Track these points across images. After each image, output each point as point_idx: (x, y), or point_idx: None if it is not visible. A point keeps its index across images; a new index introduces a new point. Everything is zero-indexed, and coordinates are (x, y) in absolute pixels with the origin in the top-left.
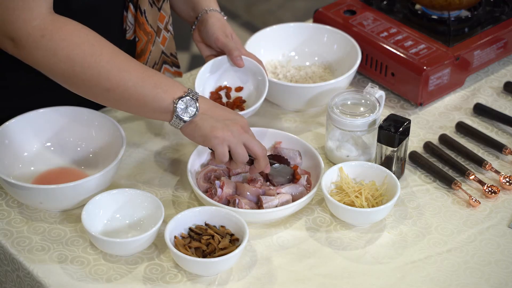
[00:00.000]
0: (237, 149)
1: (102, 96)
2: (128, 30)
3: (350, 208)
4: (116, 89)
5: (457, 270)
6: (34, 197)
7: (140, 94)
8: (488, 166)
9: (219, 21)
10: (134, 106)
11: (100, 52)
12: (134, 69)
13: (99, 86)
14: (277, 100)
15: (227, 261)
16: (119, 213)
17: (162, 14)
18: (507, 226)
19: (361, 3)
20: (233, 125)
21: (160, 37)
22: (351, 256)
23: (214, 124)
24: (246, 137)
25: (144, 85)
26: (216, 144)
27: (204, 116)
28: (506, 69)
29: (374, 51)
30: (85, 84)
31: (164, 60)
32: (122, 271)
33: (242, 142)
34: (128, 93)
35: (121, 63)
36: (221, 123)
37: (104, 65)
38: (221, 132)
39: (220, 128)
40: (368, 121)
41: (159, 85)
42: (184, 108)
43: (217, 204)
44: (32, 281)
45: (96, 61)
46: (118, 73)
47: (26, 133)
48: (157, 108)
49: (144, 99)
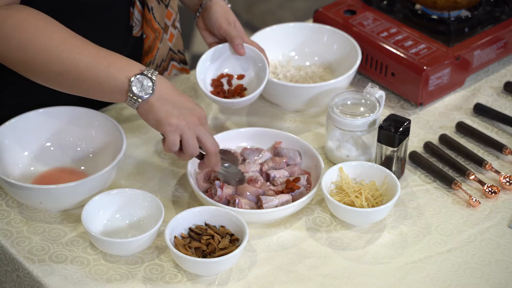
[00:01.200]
0: (189, 140)
1: (56, 80)
2: (135, 26)
3: (350, 208)
4: (69, 72)
5: (457, 270)
6: (34, 197)
7: (93, 75)
8: (488, 166)
9: (223, 9)
10: (89, 88)
11: (50, 36)
12: (86, 51)
13: (52, 71)
14: (277, 100)
15: (227, 261)
16: (119, 213)
17: (170, 11)
18: (507, 226)
19: (361, 3)
20: (190, 115)
21: (167, 34)
22: (351, 256)
23: (171, 111)
24: (201, 130)
25: (97, 65)
26: (169, 131)
27: (162, 99)
28: (506, 69)
29: (374, 51)
30: (38, 69)
31: (171, 57)
32: (122, 271)
33: (195, 134)
34: (81, 75)
35: (72, 46)
36: (178, 111)
37: (54, 49)
38: (176, 120)
39: (176, 115)
40: (368, 121)
41: (113, 64)
42: (140, 86)
43: (217, 204)
44: (32, 281)
45: (46, 46)
46: (69, 55)
47: (26, 133)
48: (112, 88)
49: (98, 80)
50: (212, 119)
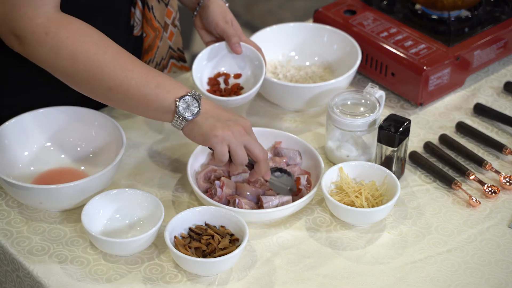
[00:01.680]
0: (237, 150)
1: (104, 95)
2: (136, 26)
3: (350, 208)
4: (118, 88)
5: (457, 270)
6: (34, 197)
7: (142, 94)
8: (488, 166)
9: (220, 7)
10: (136, 106)
11: (104, 51)
12: (137, 69)
13: (102, 85)
14: (277, 100)
15: (227, 261)
16: (119, 213)
17: (170, 9)
18: (507, 226)
19: (361, 3)
20: (235, 125)
21: (167, 33)
22: (351, 256)
23: (215, 123)
24: (248, 139)
25: (147, 84)
26: (215, 143)
27: (206, 115)
28: (506, 69)
29: (374, 51)
30: (88, 82)
31: (171, 55)
32: (122, 271)
33: (242, 143)
34: (130, 92)
35: (124, 63)
36: (222, 123)
37: (107, 64)
38: (221, 131)
39: (221, 127)
40: (368, 121)
41: (162, 85)
42: (186, 107)
43: (217, 204)
44: (32, 281)
45: (99, 60)
46: (121, 72)
47: (26, 133)
48: (159, 108)
49: (146, 98)
50: None
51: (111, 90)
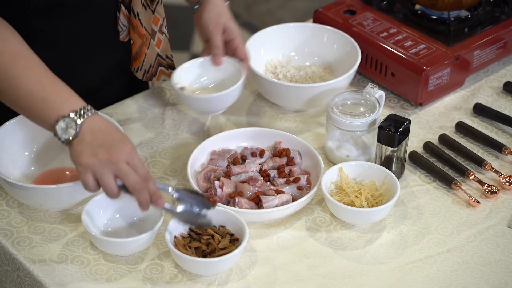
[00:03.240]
0: (102, 179)
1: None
2: (122, 31)
3: (350, 208)
4: (9, 93)
5: (457, 270)
6: (34, 197)
7: (28, 105)
8: (488, 166)
9: (216, 9)
10: (24, 114)
11: (1, 50)
12: (31, 78)
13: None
14: (277, 100)
15: (227, 261)
16: (119, 213)
17: (156, 16)
18: (507, 226)
19: (361, 3)
20: (104, 153)
21: (155, 40)
22: (351, 256)
23: (83, 150)
24: (117, 168)
25: (34, 96)
26: (79, 171)
27: (81, 139)
28: (506, 69)
29: (374, 51)
30: None
31: (159, 62)
32: (122, 271)
33: (111, 172)
34: (18, 100)
35: (19, 69)
36: (91, 149)
37: (3, 67)
38: (86, 159)
39: (88, 154)
40: (368, 121)
41: (48, 99)
42: (64, 128)
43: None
44: (32, 281)
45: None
46: (13, 78)
47: (26, 133)
48: (43, 123)
49: (31, 111)
50: (212, 119)
51: (4, 93)
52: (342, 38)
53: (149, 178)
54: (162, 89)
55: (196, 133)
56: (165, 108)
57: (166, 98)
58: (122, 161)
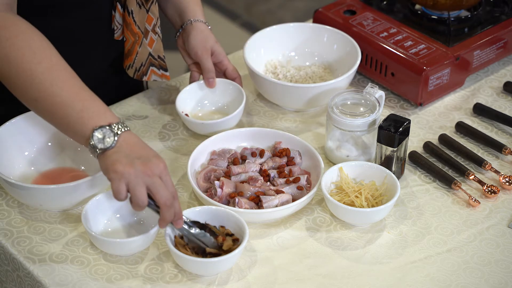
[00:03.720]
0: (135, 190)
1: (31, 104)
2: (116, 30)
3: (350, 208)
4: (43, 101)
5: (457, 270)
6: (34, 197)
7: (65, 113)
8: (488, 166)
9: (201, 34)
10: (58, 124)
11: (38, 61)
12: (67, 88)
13: (29, 94)
14: (277, 100)
15: (227, 261)
16: (119, 213)
17: (150, 16)
18: (507, 226)
19: (361, 3)
20: (140, 164)
21: (147, 39)
22: (351, 256)
23: (120, 159)
24: (152, 180)
25: (72, 105)
26: (113, 178)
27: (117, 150)
28: (506, 69)
29: (374, 51)
30: (17, 87)
31: (151, 62)
32: (122, 271)
33: (145, 184)
34: (54, 109)
35: (55, 78)
36: (128, 159)
37: (37, 75)
38: (122, 167)
39: (124, 163)
40: (368, 121)
41: (86, 110)
42: (101, 138)
43: (217, 204)
44: (32, 281)
45: (31, 69)
46: (50, 87)
47: (26, 133)
48: (77, 132)
49: (67, 119)
50: None
51: (36, 101)
52: (342, 38)
53: (177, 197)
54: (162, 89)
55: (196, 133)
56: (165, 108)
57: (166, 98)
58: (157, 175)
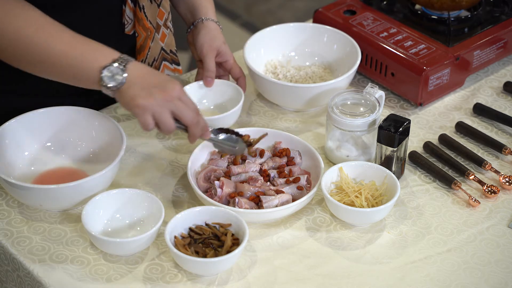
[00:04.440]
0: (161, 118)
1: (37, 68)
2: (127, 24)
3: (350, 208)
4: (45, 61)
5: (457, 270)
6: (34, 197)
7: (68, 64)
8: (488, 166)
9: (210, 33)
10: (67, 78)
11: (27, 24)
12: (61, 39)
13: (31, 59)
14: (277, 100)
15: (227, 261)
16: (119, 213)
17: (162, 10)
18: (507, 226)
19: (361, 3)
20: (159, 92)
21: (159, 34)
22: (351, 256)
23: (138, 92)
24: (174, 104)
25: (71, 54)
26: (137, 113)
27: (131, 84)
28: (506, 69)
29: (374, 51)
30: (18, 57)
31: (163, 57)
32: (122, 271)
33: (168, 110)
34: (57, 64)
35: (48, 34)
36: (146, 91)
37: (30, 37)
38: (143, 101)
39: (143, 96)
40: (368, 121)
41: (86, 53)
42: (111, 76)
43: (217, 204)
44: (32, 281)
45: (24, 34)
46: (46, 45)
47: (26, 133)
48: (86, 78)
49: (73, 70)
50: None
51: (41, 64)
52: (342, 38)
53: (199, 112)
54: None
55: None
56: None
57: None
58: (176, 99)
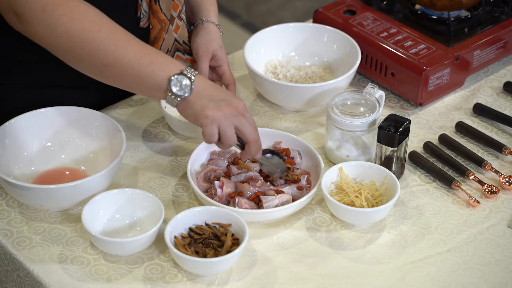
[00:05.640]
0: (226, 131)
1: (100, 72)
2: (142, 18)
3: (350, 208)
4: (113, 65)
5: (457, 270)
6: (34, 197)
7: (135, 71)
8: (488, 166)
9: (209, 35)
10: (131, 83)
11: (98, 28)
12: (131, 46)
13: (96, 62)
14: (277, 100)
15: (227, 261)
16: (119, 213)
17: (176, 2)
18: (507, 226)
19: (361, 3)
20: (227, 107)
21: (173, 25)
22: (351, 256)
23: (207, 103)
24: (239, 120)
25: (140, 62)
26: (205, 123)
27: (198, 95)
28: (506, 69)
29: (374, 51)
30: (83, 59)
31: (176, 47)
32: (122, 271)
33: (233, 124)
34: (124, 70)
35: (118, 40)
36: (214, 103)
37: (101, 41)
38: (212, 112)
39: (212, 107)
40: (368, 121)
41: (155, 62)
42: (178, 86)
43: (217, 204)
44: (32, 281)
45: (93, 37)
46: (115, 50)
47: (26, 133)
48: (153, 85)
49: (140, 76)
50: None
51: (106, 67)
52: (342, 38)
53: (257, 129)
54: None
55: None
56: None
57: None
58: (241, 114)
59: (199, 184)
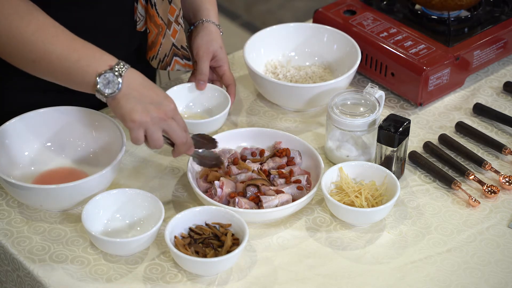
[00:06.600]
0: (152, 135)
1: (31, 67)
2: (139, 21)
3: (350, 208)
4: (41, 61)
5: (457, 270)
6: (34, 197)
7: (64, 67)
8: (488, 166)
9: (209, 35)
10: (62, 79)
11: (27, 24)
12: (60, 42)
13: (25, 57)
14: (277, 100)
15: (227, 261)
16: (119, 213)
17: (173, 7)
18: (507, 226)
19: (361, 3)
20: (155, 110)
21: (170, 30)
22: (351, 256)
23: (135, 107)
24: (167, 123)
25: (68, 57)
26: (131, 128)
27: (128, 95)
28: (506, 69)
29: (374, 51)
30: (13, 55)
31: (174, 52)
32: (122, 271)
33: (161, 128)
34: (52, 66)
35: (47, 35)
36: (142, 106)
37: (28, 37)
38: (139, 116)
39: (140, 111)
40: (368, 121)
41: (84, 58)
42: (106, 83)
43: (217, 204)
44: (32, 281)
45: (21, 33)
46: (43, 46)
47: (26, 133)
48: (81, 82)
49: (68, 72)
50: None
51: (34, 63)
52: (342, 38)
53: (187, 130)
54: None
55: None
56: None
57: None
58: (170, 118)
59: (199, 184)
